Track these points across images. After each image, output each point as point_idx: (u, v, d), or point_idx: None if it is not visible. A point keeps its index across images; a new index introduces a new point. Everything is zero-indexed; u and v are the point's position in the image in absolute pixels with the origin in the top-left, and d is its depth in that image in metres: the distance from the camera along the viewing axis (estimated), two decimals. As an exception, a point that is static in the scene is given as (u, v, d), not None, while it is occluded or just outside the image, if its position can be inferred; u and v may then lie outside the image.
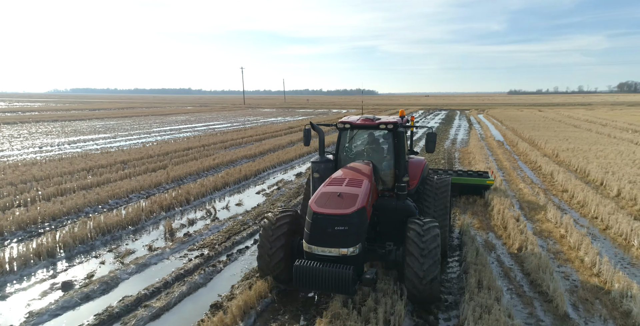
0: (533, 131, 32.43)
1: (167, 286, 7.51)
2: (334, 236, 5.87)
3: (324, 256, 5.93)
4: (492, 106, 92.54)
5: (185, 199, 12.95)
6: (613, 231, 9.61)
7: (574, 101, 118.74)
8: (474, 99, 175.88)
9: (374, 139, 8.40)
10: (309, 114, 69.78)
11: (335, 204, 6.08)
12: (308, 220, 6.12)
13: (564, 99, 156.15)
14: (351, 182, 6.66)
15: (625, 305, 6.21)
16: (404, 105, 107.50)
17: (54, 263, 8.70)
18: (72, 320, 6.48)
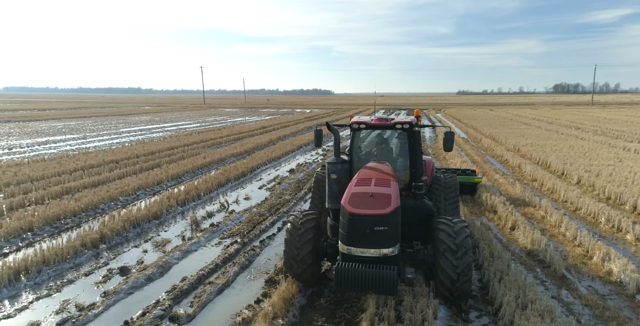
0: (492, 128, 35.21)
1: (219, 267, 8.35)
2: (373, 237, 5.82)
3: (364, 257, 5.88)
4: (446, 105, 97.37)
5: (195, 194, 13.58)
6: (582, 212, 11.45)
7: (517, 101, 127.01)
8: (427, 99, 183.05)
9: (387, 139, 8.40)
10: (274, 113, 70.36)
11: (371, 204, 6.00)
12: (343, 221, 6.04)
13: (508, 99, 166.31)
14: (379, 182, 6.61)
15: (607, 266, 7.83)
16: (363, 105, 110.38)
17: (99, 252, 9.26)
18: (147, 295, 7.21)
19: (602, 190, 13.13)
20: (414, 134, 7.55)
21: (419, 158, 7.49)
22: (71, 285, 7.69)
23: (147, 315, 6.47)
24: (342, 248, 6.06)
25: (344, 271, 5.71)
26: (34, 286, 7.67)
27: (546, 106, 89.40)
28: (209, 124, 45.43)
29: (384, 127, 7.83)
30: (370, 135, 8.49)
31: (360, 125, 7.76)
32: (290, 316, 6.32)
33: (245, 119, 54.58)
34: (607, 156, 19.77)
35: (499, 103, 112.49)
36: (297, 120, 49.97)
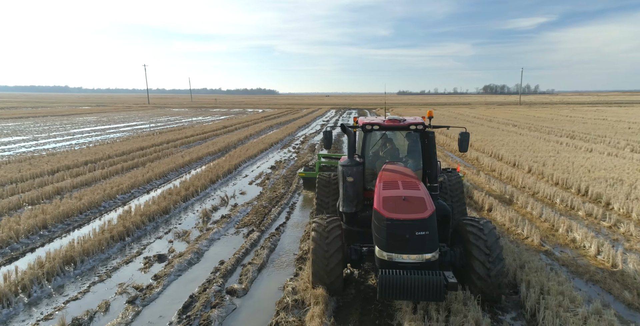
0: (441, 126, 38.09)
1: (250, 251, 9.24)
2: (415, 242, 5.66)
3: (407, 264, 5.70)
4: (392, 105, 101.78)
5: (193, 190, 14.14)
6: (540, 195, 13.59)
7: (455, 101, 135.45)
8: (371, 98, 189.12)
9: (399, 140, 8.32)
10: (226, 113, 69.94)
11: (407, 208, 5.85)
12: (379, 227, 5.87)
13: (446, 99, 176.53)
14: (406, 184, 6.49)
15: (571, 236, 9.74)
16: (313, 104, 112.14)
17: (127, 243, 9.77)
18: (196, 276, 8.00)
19: (551, 177, 15.50)
20: (427, 134, 7.49)
21: (433, 159, 7.42)
22: (118, 272, 8.24)
23: (207, 290, 7.29)
24: (381, 255, 5.84)
25: (390, 280, 5.44)
26: (84, 274, 8.16)
27: (481, 105, 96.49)
28: (164, 125, 44.59)
29: (398, 129, 7.70)
30: (382, 136, 8.23)
31: (374, 126, 7.58)
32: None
33: (200, 119, 54.01)
34: (546, 148, 22.71)
35: (439, 103, 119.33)
36: (254, 120, 50.36)
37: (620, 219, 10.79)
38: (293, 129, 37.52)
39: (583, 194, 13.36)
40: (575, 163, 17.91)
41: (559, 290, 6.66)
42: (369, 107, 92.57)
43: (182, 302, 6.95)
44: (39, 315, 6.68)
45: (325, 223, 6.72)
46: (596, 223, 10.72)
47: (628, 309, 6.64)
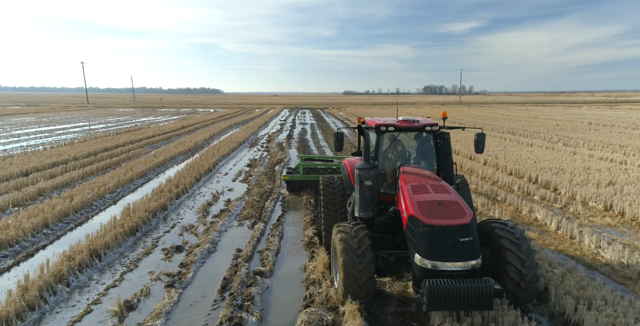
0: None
1: (261, 240, 10.01)
2: (459, 249, 5.47)
3: (453, 272, 5.46)
4: (341, 104, 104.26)
5: (183, 189, 14.49)
6: (500, 183, 15.48)
7: (402, 101, 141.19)
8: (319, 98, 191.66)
9: (413, 141, 8.08)
10: (177, 113, 68.41)
11: (446, 213, 5.72)
12: (419, 233, 5.63)
13: (391, 99, 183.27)
14: (436, 188, 6.36)
15: (533, 216, 11.49)
16: (264, 104, 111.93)
17: (140, 237, 10.17)
18: (220, 262, 8.67)
19: (505, 168, 17.58)
20: (443, 135, 7.42)
21: (449, 161, 7.39)
22: (143, 262, 8.71)
23: (237, 273, 8.02)
24: (423, 263, 5.57)
25: (439, 290, 5.16)
26: (111, 265, 8.56)
27: (425, 105, 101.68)
28: (116, 125, 43.05)
29: (413, 130, 7.54)
30: (395, 137, 7.90)
31: (389, 127, 7.36)
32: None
33: (151, 119, 52.61)
34: (494, 144, 25.22)
35: (385, 102, 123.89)
36: (211, 120, 49.94)
37: (568, 201, 12.79)
38: (254, 128, 37.91)
39: (534, 181, 15.42)
40: (522, 155, 20.28)
41: (537, 257, 8.18)
42: (321, 107, 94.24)
43: (218, 284, 7.65)
44: (85, 300, 7.10)
45: (353, 232, 6.32)
46: (550, 205, 12.64)
47: (589, 269, 8.30)
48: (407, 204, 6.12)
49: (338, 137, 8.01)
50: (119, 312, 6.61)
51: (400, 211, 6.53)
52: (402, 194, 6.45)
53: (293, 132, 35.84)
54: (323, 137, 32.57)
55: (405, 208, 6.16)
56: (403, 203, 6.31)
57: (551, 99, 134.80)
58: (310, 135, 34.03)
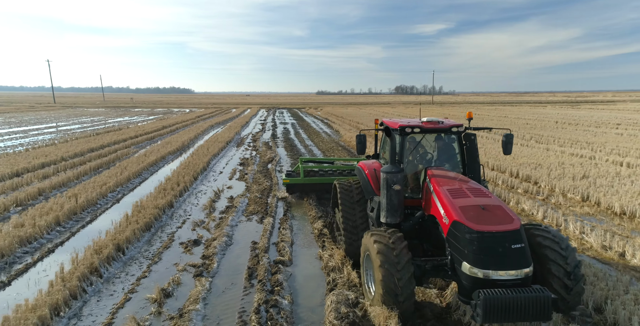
0: (372, 123, 41.33)
1: (273, 233, 10.52)
2: (512, 256, 5.21)
3: (506, 281, 5.16)
4: (318, 104, 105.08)
5: (184, 187, 14.77)
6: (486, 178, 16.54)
7: (373, 101, 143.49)
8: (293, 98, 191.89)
9: (437, 143, 7.77)
10: (152, 113, 67.48)
11: (493, 219, 5.47)
12: (467, 240, 5.34)
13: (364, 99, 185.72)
14: (474, 192, 6.13)
15: (520, 207, 12.49)
16: (238, 104, 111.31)
17: (154, 233, 10.49)
18: (240, 253, 9.14)
19: (487, 164, 18.70)
20: (469, 137, 7.24)
21: (477, 163, 7.21)
22: (165, 255, 9.08)
23: (260, 262, 8.53)
24: (473, 272, 5.26)
25: (496, 301, 4.86)
26: (135, 258, 8.91)
27: (400, 105, 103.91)
28: (91, 125, 42.24)
29: (439, 131, 7.32)
30: (420, 139, 7.63)
31: (414, 129, 7.07)
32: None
33: (127, 119, 51.81)
34: (473, 142, 26.57)
35: (360, 102, 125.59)
36: (190, 120, 49.61)
37: (549, 193, 13.92)
38: (237, 128, 38.05)
39: (516, 176, 16.57)
40: (501, 152, 21.55)
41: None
42: (298, 106, 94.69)
43: (243, 272, 8.15)
44: (121, 289, 7.46)
45: (391, 243, 5.92)
46: (533, 197, 13.73)
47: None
48: (449, 210, 5.78)
49: (360, 140, 7.77)
50: (157, 299, 7.01)
51: (437, 216, 6.18)
52: (439, 199, 6.14)
53: (276, 132, 36.24)
54: (307, 136, 33.16)
55: (446, 213, 5.83)
56: (441, 208, 6.02)
57: (517, 99, 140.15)
58: (294, 134, 34.54)
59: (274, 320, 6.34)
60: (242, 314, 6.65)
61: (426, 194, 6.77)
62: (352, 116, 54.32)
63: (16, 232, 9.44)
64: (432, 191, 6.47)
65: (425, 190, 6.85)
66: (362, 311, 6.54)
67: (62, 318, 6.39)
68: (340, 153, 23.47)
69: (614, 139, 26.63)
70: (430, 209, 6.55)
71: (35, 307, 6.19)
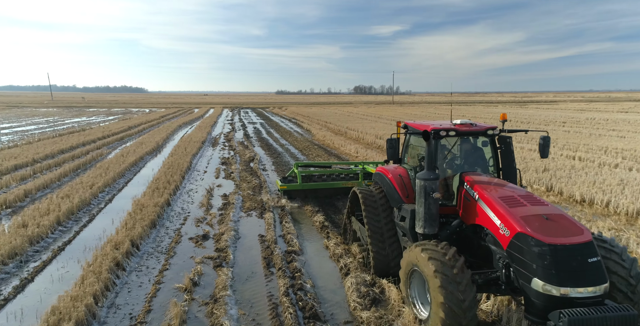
0: (340, 122, 42.47)
1: (276, 227, 11.09)
2: (590, 271, 4.80)
3: (586, 298, 4.73)
4: (281, 104, 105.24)
5: (175, 186, 14.94)
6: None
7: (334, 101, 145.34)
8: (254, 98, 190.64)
9: (465, 146, 7.35)
10: (111, 113, 65.46)
11: (561, 230, 5.09)
12: (538, 254, 4.91)
13: (325, 98, 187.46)
14: (527, 199, 5.74)
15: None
16: (199, 104, 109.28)
17: (160, 229, 10.77)
18: (251, 246, 9.66)
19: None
20: (504, 140, 6.95)
21: (513, 168, 6.95)
22: (178, 249, 9.44)
23: (273, 253, 9.10)
24: (546, 289, 4.80)
25: (584, 324, 4.45)
26: (151, 253, 9.22)
27: (362, 104, 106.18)
28: (49, 126, 40.67)
29: (474, 134, 6.95)
30: (454, 143, 7.16)
31: (449, 132, 6.60)
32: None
33: (86, 120, 50.11)
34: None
35: (322, 102, 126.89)
36: (155, 120, 48.63)
37: (517, 184, 15.40)
38: (207, 128, 37.84)
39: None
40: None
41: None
42: (262, 106, 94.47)
43: (260, 262, 8.72)
44: (147, 281, 7.83)
45: (447, 260, 5.38)
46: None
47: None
48: (508, 220, 5.35)
49: (392, 144, 7.35)
50: (187, 287, 7.45)
51: (488, 227, 5.78)
52: (491, 208, 5.72)
53: (248, 132, 36.44)
54: (279, 135, 33.63)
55: (505, 224, 5.39)
56: (496, 218, 5.58)
57: (469, 99, 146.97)
58: (266, 134, 34.91)
59: (304, 301, 6.98)
60: (270, 297, 7.24)
61: (465, 202, 6.40)
62: (319, 116, 55.21)
63: (23, 232, 9.45)
64: (477, 199, 6.06)
65: (463, 197, 6.49)
66: (379, 288, 7.34)
67: (102, 308, 6.71)
68: (317, 152, 24.21)
69: (563, 136, 29.13)
70: (474, 219, 6.14)
71: (76, 297, 6.47)
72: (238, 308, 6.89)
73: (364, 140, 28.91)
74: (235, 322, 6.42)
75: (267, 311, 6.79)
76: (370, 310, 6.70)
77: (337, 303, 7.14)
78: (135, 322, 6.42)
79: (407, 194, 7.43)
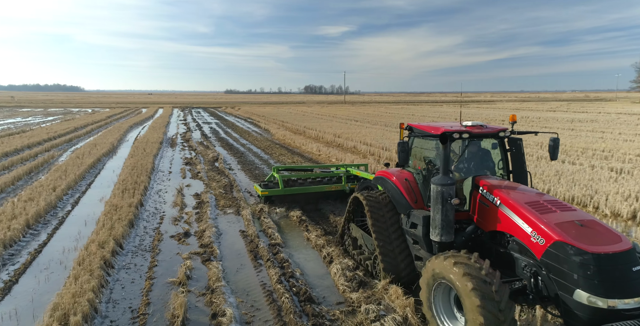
0: (297, 121, 43.07)
1: (255, 223, 11.44)
2: (635, 281, 4.60)
3: (633, 310, 4.52)
4: (233, 104, 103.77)
5: (145, 186, 14.76)
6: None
7: (287, 100, 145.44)
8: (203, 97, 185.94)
9: (472, 148, 7.11)
10: (50, 114, 62.09)
11: (599, 237, 4.90)
12: (580, 264, 4.65)
13: (277, 98, 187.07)
14: (555, 204, 5.54)
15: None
16: (145, 103, 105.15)
17: (139, 229, 10.77)
18: (234, 241, 9.99)
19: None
20: (515, 141, 6.80)
21: (524, 171, 6.81)
22: (162, 247, 9.57)
23: (258, 246, 9.49)
24: (591, 301, 4.55)
25: None
26: (135, 252, 9.29)
27: (315, 104, 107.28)
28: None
29: (487, 136, 6.77)
30: (466, 146, 6.95)
31: (462, 134, 6.29)
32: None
33: (21, 121, 47.04)
34: (394, 137, 29.53)
35: (274, 102, 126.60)
36: (102, 120, 46.66)
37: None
38: (161, 129, 36.88)
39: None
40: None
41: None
42: (213, 106, 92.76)
43: (247, 255, 9.10)
44: (139, 277, 7.98)
45: (484, 275, 4.95)
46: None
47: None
48: (541, 228, 5.10)
49: (404, 148, 6.75)
50: (182, 281, 7.69)
51: (515, 234, 5.53)
52: (518, 214, 5.48)
53: (205, 132, 36.00)
54: (239, 135, 33.60)
55: (538, 231, 5.14)
56: (526, 225, 5.34)
57: (416, 99, 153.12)
58: (225, 134, 34.72)
59: (297, 287, 7.49)
60: (264, 286, 7.68)
61: (482, 207, 6.17)
62: (274, 115, 55.40)
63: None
64: (497, 205, 5.82)
65: (478, 202, 6.26)
66: (363, 271, 8.02)
67: (100, 303, 6.82)
68: (280, 151, 24.60)
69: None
70: (494, 225, 5.92)
71: (76, 293, 6.55)
72: (235, 297, 7.26)
73: (324, 139, 29.68)
74: (236, 309, 6.81)
75: (263, 298, 7.24)
76: (358, 291, 7.32)
77: (327, 288, 7.72)
78: (138, 314, 6.62)
79: (416, 199, 7.15)
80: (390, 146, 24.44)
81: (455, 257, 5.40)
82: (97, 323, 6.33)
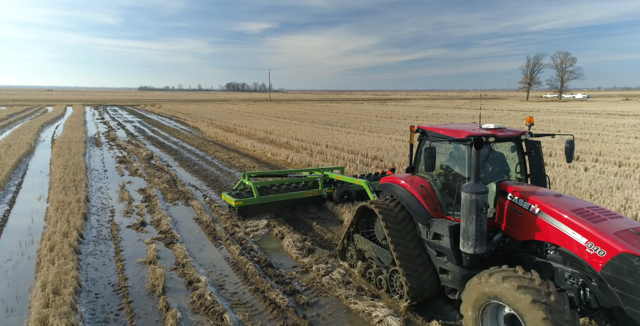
0: (225, 119, 43.33)
1: (209, 211, 12.40)
2: None
3: None
4: (152, 101, 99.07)
5: (86, 183, 14.81)
6: (358, 162, 21.02)
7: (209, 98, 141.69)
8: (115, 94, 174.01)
9: (494, 152, 6.81)
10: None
11: None
12: None
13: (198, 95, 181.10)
14: (600, 211, 5.41)
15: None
16: (50, 101, 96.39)
17: (93, 221, 11.15)
18: (193, 227, 10.93)
19: (344, 149, 23.41)
20: (534, 144, 6.65)
21: (543, 174, 6.67)
22: (122, 235, 10.25)
23: (215, 229, 10.57)
24: None
25: None
26: (96, 241, 9.84)
27: (240, 102, 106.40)
28: None
29: (511, 139, 6.55)
30: (490, 150, 6.65)
31: (489, 138, 6.03)
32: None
33: None
34: (324, 133, 31.32)
35: (195, 99, 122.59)
36: (4, 119, 42.45)
37: (395, 167, 19.11)
38: (79, 128, 34.98)
39: (367, 156, 21.58)
40: (349, 140, 26.75)
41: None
42: (130, 104, 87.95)
43: (206, 237, 10.17)
44: (109, 260, 8.68)
45: (554, 301, 4.62)
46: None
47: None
48: (601, 239, 4.87)
49: (431, 153, 6.15)
50: (152, 260, 8.59)
51: (567, 246, 5.29)
52: (567, 224, 5.25)
53: (129, 131, 34.97)
54: (167, 133, 33.26)
55: (596, 242, 4.91)
56: (578, 236, 5.11)
57: (338, 97, 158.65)
58: (152, 132, 34.09)
59: (258, 257, 8.81)
60: (227, 259, 8.88)
61: (513, 215, 5.92)
62: (200, 113, 54.72)
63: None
64: (536, 213, 5.60)
65: (507, 209, 6.00)
66: (310, 242, 9.56)
67: (81, 281, 7.52)
68: (215, 148, 25.19)
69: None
70: (531, 234, 5.69)
71: (59, 273, 7.21)
72: (205, 269, 8.38)
73: (256, 135, 30.69)
74: (208, 276, 7.95)
75: (229, 268, 8.45)
76: (308, 257, 8.87)
77: (283, 257, 9.13)
78: (119, 287, 7.48)
79: (435, 207, 6.69)
80: (320, 141, 26.28)
81: (500, 273, 5.08)
82: (83, 295, 7.10)
